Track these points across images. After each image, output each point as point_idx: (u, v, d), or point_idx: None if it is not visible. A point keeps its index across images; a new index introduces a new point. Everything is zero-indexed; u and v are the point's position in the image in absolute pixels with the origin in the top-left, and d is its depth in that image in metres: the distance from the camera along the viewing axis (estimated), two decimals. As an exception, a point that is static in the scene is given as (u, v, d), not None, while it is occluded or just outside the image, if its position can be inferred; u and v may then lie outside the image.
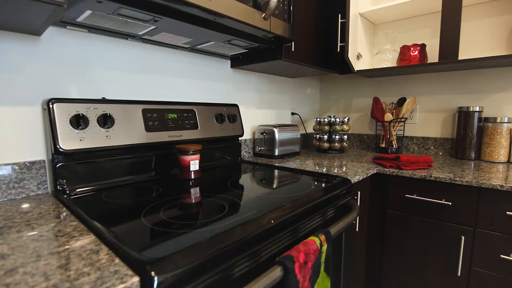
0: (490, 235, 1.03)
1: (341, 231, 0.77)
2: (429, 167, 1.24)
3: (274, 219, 0.63)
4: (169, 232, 0.56)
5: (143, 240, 0.53)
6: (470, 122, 1.43)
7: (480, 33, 1.47)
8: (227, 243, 0.53)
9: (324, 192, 0.85)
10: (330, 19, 1.50)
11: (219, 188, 0.89)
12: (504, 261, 1.01)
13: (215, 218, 0.64)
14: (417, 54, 1.49)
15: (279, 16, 1.05)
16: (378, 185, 1.30)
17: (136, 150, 0.98)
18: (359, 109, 1.95)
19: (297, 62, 1.26)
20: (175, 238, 0.54)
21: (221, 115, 1.24)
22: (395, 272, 1.27)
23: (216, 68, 1.35)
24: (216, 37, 1.01)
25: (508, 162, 1.37)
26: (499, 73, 1.44)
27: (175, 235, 0.55)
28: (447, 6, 1.28)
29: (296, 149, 1.56)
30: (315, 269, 0.62)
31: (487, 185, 1.00)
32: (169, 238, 0.54)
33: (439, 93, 1.62)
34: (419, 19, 1.65)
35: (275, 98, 1.73)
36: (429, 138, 1.66)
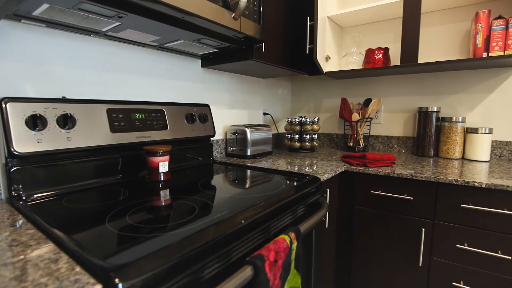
0: (447, 226, 1.11)
1: (311, 228, 0.79)
2: (392, 164, 1.31)
3: (245, 219, 0.63)
4: (136, 237, 0.54)
5: (108, 247, 0.51)
6: (429, 122, 1.53)
7: (438, 39, 1.58)
8: (197, 245, 0.52)
9: (294, 190, 0.86)
10: (300, 22, 1.53)
11: (190, 190, 0.87)
12: (460, 250, 1.09)
13: (184, 220, 0.63)
14: (381, 57, 1.57)
15: (249, 17, 1.06)
16: (347, 183, 1.35)
17: (100, 152, 0.93)
18: (329, 109, 2.01)
19: (267, 62, 1.28)
20: (143, 243, 0.52)
21: (191, 115, 1.22)
22: (363, 265, 1.33)
23: (186, 68, 1.32)
24: (185, 35, 0.99)
25: (462, 159, 1.48)
26: (454, 76, 1.56)
27: (143, 239, 0.53)
28: (407, 12, 1.36)
29: (268, 149, 1.58)
30: (286, 267, 0.63)
31: (444, 180, 1.07)
32: (137, 243, 0.52)
33: (402, 94, 1.72)
34: (383, 24, 1.73)
35: (247, 98, 1.73)
36: (393, 137, 1.75)
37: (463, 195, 1.06)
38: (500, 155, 1.46)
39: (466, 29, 1.49)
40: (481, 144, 1.39)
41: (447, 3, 1.46)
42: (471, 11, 1.47)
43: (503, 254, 1.01)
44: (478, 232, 1.05)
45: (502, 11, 1.40)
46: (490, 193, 1.01)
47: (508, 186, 0.96)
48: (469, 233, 1.06)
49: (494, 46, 1.27)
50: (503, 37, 1.25)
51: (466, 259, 1.08)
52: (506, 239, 1.00)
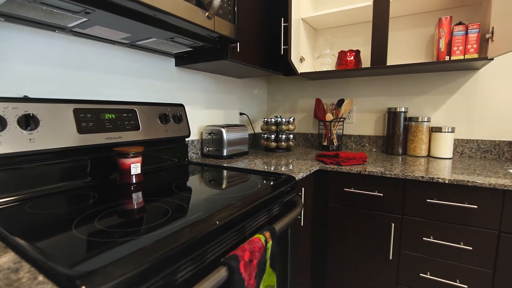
0: (414, 221, 1.17)
1: (286, 227, 0.80)
2: (364, 162, 1.36)
3: (219, 220, 0.63)
4: (106, 242, 0.52)
5: (75, 254, 0.48)
6: (398, 122, 1.60)
7: (405, 42, 1.66)
8: (169, 248, 0.51)
9: (270, 190, 0.87)
10: (275, 23, 1.55)
11: (164, 192, 0.85)
12: (426, 243, 1.15)
13: (157, 223, 0.61)
14: (352, 59, 1.62)
15: (223, 16, 1.05)
16: (321, 181, 1.38)
17: (67, 154, 0.88)
18: (304, 109, 2.05)
19: (242, 62, 1.28)
20: (113, 248, 0.50)
21: (165, 115, 1.19)
22: (337, 261, 1.37)
23: (159, 66, 1.29)
24: (157, 33, 0.97)
25: (428, 156, 1.56)
26: (420, 78, 1.65)
27: (114, 244, 0.51)
28: (376, 16, 1.41)
29: (245, 149, 1.58)
30: (261, 266, 0.63)
31: (411, 176, 1.13)
32: (107, 249, 0.50)
33: (372, 95, 1.79)
34: (355, 27, 1.79)
35: (223, 98, 1.72)
36: (365, 136, 1.81)
37: (428, 191, 1.13)
38: (462, 153, 1.56)
39: (431, 33, 1.58)
40: (444, 143, 1.48)
41: (413, 9, 1.54)
42: (434, 17, 1.56)
43: (464, 245, 1.08)
44: (442, 225, 1.11)
45: (463, 17, 1.50)
46: (452, 188, 1.08)
47: (468, 181, 1.03)
48: (434, 226, 1.13)
49: (455, 50, 1.35)
50: (463, 42, 1.34)
51: (432, 251, 1.14)
52: (467, 230, 1.07)
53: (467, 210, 1.06)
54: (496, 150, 1.48)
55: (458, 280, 1.10)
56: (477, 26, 1.30)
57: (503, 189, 1.00)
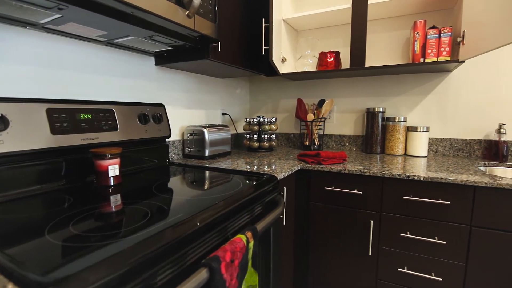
0: (392, 217, 1.20)
1: (268, 227, 0.81)
2: (344, 161, 1.39)
3: (200, 221, 0.62)
4: (82, 247, 0.50)
5: (48, 260, 0.46)
6: (376, 121, 1.65)
7: (383, 45, 1.71)
8: (148, 251, 0.50)
9: (251, 190, 0.87)
10: (256, 23, 1.55)
11: (144, 194, 0.83)
12: (403, 238, 1.19)
13: (136, 226, 0.60)
14: (333, 60, 1.65)
15: (204, 16, 1.04)
16: (303, 180, 1.39)
17: (39, 156, 0.85)
18: (286, 109, 2.06)
19: (224, 62, 1.27)
20: (90, 253, 0.48)
21: (145, 115, 1.16)
22: (320, 259, 1.39)
23: (138, 65, 1.26)
24: (135, 31, 0.94)
25: (405, 155, 1.62)
26: (397, 79, 1.70)
27: (90, 249, 0.50)
28: (355, 19, 1.45)
29: (227, 149, 1.57)
30: (243, 266, 0.63)
31: (389, 174, 1.16)
32: (83, 254, 0.48)
33: (352, 95, 1.83)
34: (335, 29, 1.83)
35: (204, 98, 1.70)
36: (345, 136, 1.85)
37: (405, 188, 1.17)
38: (436, 151, 1.63)
39: (407, 36, 1.64)
40: (419, 142, 1.54)
41: (390, 12, 1.59)
42: (410, 20, 1.62)
43: (439, 240, 1.13)
44: (418, 221, 1.16)
45: (436, 21, 1.56)
46: (427, 185, 1.13)
47: (441, 178, 1.08)
48: (411, 222, 1.17)
49: (429, 53, 1.41)
50: (437, 45, 1.40)
51: (409, 246, 1.18)
52: (441, 226, 1.12)
53: (441, 206, 1.11)
54: (468, 148, 1.56)
55: (433, 273, 1.15)
56: (449, 30, 1.37)
57: (474, 185, 1.05)
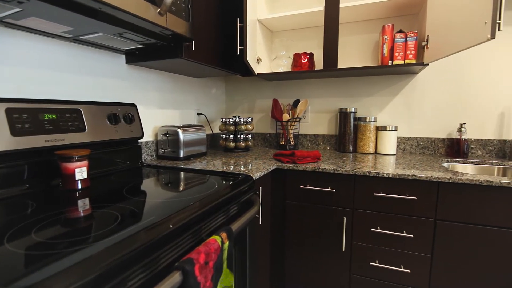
0: (363, 213, 1.25)
1: (243, 227, 0.81)
2: (318, 160, 1.42)
3: (173, 223, 0.61)
4: (47, 255, 0.48)
5: (8, 271, 0.43)
6: (348, 121, 1.70)
7: (354, 47, 1.76)
8: (118, 256, 0.48)
9: (227, 190, 0.87)
10: (231, 23, 1.55)
11: (114, 197, 0.80)
12: (374, 233, 1.24)
13: (106, 230, 0.57)
14: (307, 61, 1.68)
15: (177, 14, 1.02)
16: (278, 179, 1.41)
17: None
18: (262, 109, 2.08)
19: (198, 62, 1.25)
20: (56, 261, 0.46)
21: (115, 115, 1.12)
22: (296, 257, 1.41)
23: (108, 63, 1.21)
24: (104, 28, 0.90)
25: (375, 153, 1.69)
26: (367, 81, 1.77)
27: (56, 257, 0.47)
28: (328, 21, 1.49)
29: (203, 149, 1.55)
30: (218, 268, 0.63)
31: (360, 172, 1.21)
32: (48, 262, 0.45)
33: (325, 96, 1.87)
34: (308, 31, 1.86)
35: (179, 97, 1.67)
36: (319, 135, 1.90)
37: (375, 185, 1.21)
38: (404, 149, 1.71)
39: (376, 40, 1.71)
40: (389, 140, 1.61)
41: (361, 16, 1.65)
42: (379, 24, 1.69)
43: (407, 233, 1.19)
44: (388, 216, 1.21)
45: (403, 26, 1.64)
46: (395, 181, 1.18)
47: (408, 175, 1.13)
48: (381, 217, 1.22)
49: (396, 56, 1.48)
50: (403, 48, 1.47)
51: (379, 241, 1.23)
52: (409, 220, 1.18)
53: (408, 201, 1.17)
54: (432, 146, 1.65)
55: (402, 266, 1.21)
56: (415, 34, 1.44)
57: (438, 181, 1.11)
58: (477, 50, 1.54)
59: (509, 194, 1.03)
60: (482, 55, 1.53)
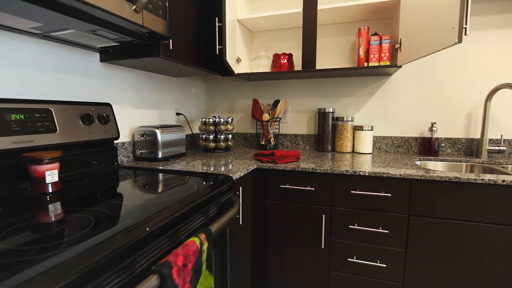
0: (341, 211, 1.28)
1: (223, 227, 0.80)
2: (298, 160, 1.44)
3: (150, 226, 0.60)
4: (14, 263, 0.45)
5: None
6: (327, 121, 1.74)
7: (332, 48, 1.80)
8: (91, 261, 0.46)
9: (206, 191, 0.86)
10: (211, 22, 1.53)
11: (88, 201, 0.77)
12: (352, 230, 1.27)
13: (78, 235, 0.55)
14: (286, 62, 1.70)
15: (153, 11, 1.00)
16: (259, 179, 1.41)
17: (-42, 162, 0.74)
18: (242, 109, 2.07)
19: (176, 61, 1.23)
20: (24, 270, 0.43)
21: (88, 115, 1.08)
22: (276, 256, 1.42)
23: (81, 61, 1.16)
24: (75, 25, 0.87)
25: (352, 152, 1.73)
26: (345, 81, 1.81)
27: (24, 265, 0.44)
28: (306, 23, 1.51)
29: (182, 150, 1.53)
30: (196, 270, 0.62)
31: (338, 171, 1.23)
32: (16, 272, 0.43)
33: (304, 96, 1.90)
34: (287, 32, 1.88)
35: (157, 97, 1.64)
36: (299, 135, 1.92)
37: (352, 183, 1.25)
38: (379, 148, 1.77)
39: (352, 42, 1.75)
40: (365, 140, 1.66)
41: (338, 19, 1.68)
42: (355, 27, 1.74)
43: (382, 229, 1.23)
44: (364, 213, 1.24)
45: (378, 29, 1.69)
46: (371, 179, 1.22)
47: (384, 173, 1.17)
48: (358, 214, 1.25)
49: (372, 58, 1.52)
50: (378, 51, 1.52)
51: (357, 237, 1.27)
52: (384, 216, 1.22)
53: (383, 198, 1.21)
54: (406, 145, 1.72)
55: (378, 261, 1.25)
56: (389, 37, 1.49)
57: (411, 178, 1.16)
58: (446, 53, 1.62)
59: (475, 190, 1.10)
60: (451, 58, 1.61)
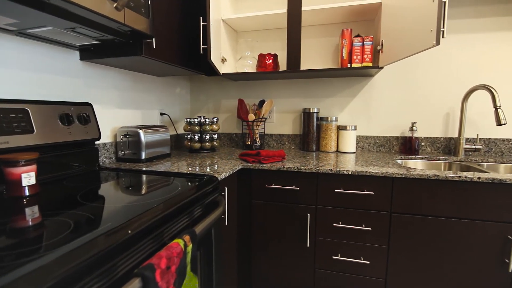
0: (326, 209, 1.30)
1: (208, 228, 0.80)
2: (283, 159, 1.45)
3: (133, 228, 0.59)
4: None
5: None
6: (312, 121, 1.76)
7: (316, 49, 1.82)
8: (68, 266, 0.45)
9: (190, 192, 0.85)
10: (196, 21, 1.52)
11: (68, 204, 0.75)
12: (336, 228, 1.29)
13: (55, 240, 0.53)
14: (271, 62, 1.71)
15: (135, 9, 0.98)
16: (244, 179, 1.41)
17: None
18: (228, 109, 2.07)
19: (160, 60, 1.21)
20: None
21: (68, 115, 1.04)
22: (262, 255, 1.42)
23: (60, 60, 1.13)
24: (53, 22, 0.84)
25: (337, 151, 1.76)
26: (329, 82, 1.84)
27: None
28: (291, 24, 1.52)
29: (166, 150, 1.51)
30: (181, 271, 0.61)
31: (322, 170, 1.25)
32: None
33: (290, 96, 1.92)
34: (272, 32, 1.89)
35: (140, 97, 1.60)
36: (284, 135, 1.94)
37: (336, 182, 1.27)
38: (362, 147, 1.80)
39: (336, 43, 1.78)
40: (349, 139, 1.69)
41: (322, 20, 1.71)
42: (339, 28, 1.77)
43: (366, 227, 1.25)
44: (348, 211, 1.27)
45: (360, 30, 1.73)
46: (355, 178, 1.24)
47: (366, 171, 1.20)
48: (342, 212, 1.28)
49: (355, 59, 1.55)
50: (361, 52, 1.55)
51: (341, 235, 1.29)
52: (367, 214, 1.25)
53: (366, 196, 1.24)
54: (388, 144, 1.76)
55: (362, 258, 1.28)
56: (371, 39, 1.53)
57: (392, 176, 1.19)
58: (425, 55, 1.67)
59: (453, 187, 1.14)
60: (430, 60, 1.67)
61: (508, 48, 1.56)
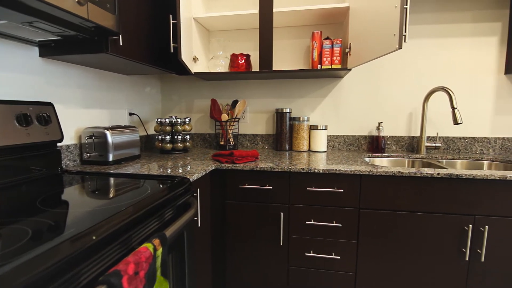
0: (298, 208, 1.32)
1: (179, 231, 0.78)
2: (256, 159, 1.46)
3: (97, 234, 0.56)
4: None
5: None
6: (284, 121, 1.78)
7: (288, 50, 1.85)
8: (26, 277, 0.42)
9: (160, 194, 0.83)
10: (166, 19, 1.48)
11: (26, 210, 0.70)
12: (308, 226, 1.32)
13: (11, 249, 0.50)
14: (244, 62, 1.71)
15: (100, 5, 0.94)
16: (218, 180, 1.40)
17: None
18: (200, 109, 2.04)
19: (127, 58, 1.17)
20: None
21: (26, 116, 0.97)
22: (237, 255, 1.42)
23: (16, 56, 1.05)
24: (7, 15, 0.78)
25: (309, 151, 1.80)
26: (301, 83, 1.88)
27: None
28: (263, 25, 1.53)
29: (136, 152, 1.45)
30: (150, 277, 0.60)
31: (295, 169, 1.27)
32: None
33: (263, 97, 1.93)
34: (245, 32, 1.89)
35: (107, 96, 1.53)
36: (258, 135, 1.95)
37: (308, 180, 1.30)
38: (333, 147, 1.86)
39: (307, 45, 1.82)
40: (320, 139, 1.74)
41: (293, 22, 1.74)
42: (309, 30, 1.81)
43: (336, 223, 1.29)
44: (320, 208, 1.30)
45: (330, 33, 1.78)
46: (325, 176, 1.28)
47: (336, 169, 1.24)
48: (313, 210, 1.31)
49: (325, 61, 1.60)
50: (330, 54, 1.59)
51: (313, 232, 1.32)
52: (337, 211, 1.29)
53: (336, 194, 1.28)
54: (357, 143, 1.83)
55: (333, 253, 1.32)
56: (340, 42, 1.58)
57: (360, 174, 1.24)
58: (390, 58, 1.76)
59: (416, 183, 1.21)
60: (394, 63, 1.76)
61: (464, 52, 1.69)
